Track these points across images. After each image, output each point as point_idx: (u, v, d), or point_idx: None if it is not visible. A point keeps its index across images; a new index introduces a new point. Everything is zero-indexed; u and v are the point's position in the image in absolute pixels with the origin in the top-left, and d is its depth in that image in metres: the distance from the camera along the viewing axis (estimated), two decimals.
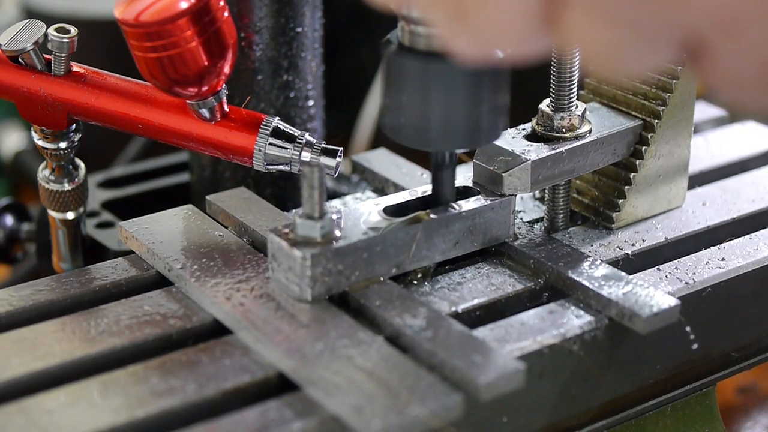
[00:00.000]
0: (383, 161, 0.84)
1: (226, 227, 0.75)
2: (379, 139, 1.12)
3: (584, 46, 0.50)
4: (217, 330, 0.67)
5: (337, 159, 0.72)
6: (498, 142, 0.72)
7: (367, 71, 1.19)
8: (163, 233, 0.74)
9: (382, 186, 0.82)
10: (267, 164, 0.73)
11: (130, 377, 0.62)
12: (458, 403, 0.59)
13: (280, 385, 0.63)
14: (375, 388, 0.60)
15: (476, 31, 0.51)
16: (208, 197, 0.77)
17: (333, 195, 0.84)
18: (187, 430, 0.59)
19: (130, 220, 0.75)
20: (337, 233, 0.67)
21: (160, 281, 0.72)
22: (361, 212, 0.69)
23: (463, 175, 0.74)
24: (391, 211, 0.70)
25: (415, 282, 0.70)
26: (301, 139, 0.73)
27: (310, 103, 0.85)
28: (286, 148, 0.73)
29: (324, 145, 0.73)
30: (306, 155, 0.72)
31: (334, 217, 0.67)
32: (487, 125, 0.66)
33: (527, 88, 0.78)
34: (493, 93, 0.66)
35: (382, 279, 0.68)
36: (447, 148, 0.69)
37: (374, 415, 0.58)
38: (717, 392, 0.78)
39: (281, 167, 0.73)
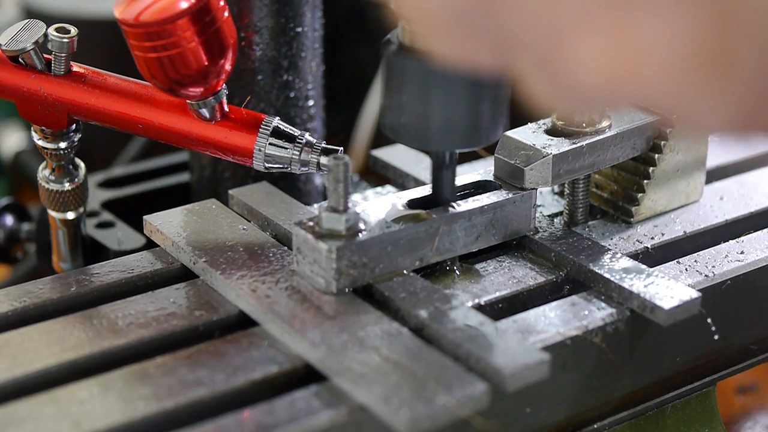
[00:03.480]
0: (403, 156, 0.87)
1: (249, 221, 0.78)
2: (379, 139, 1.15)
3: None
4: (242, 322, 0.70)
5: None
6: (519, 137, 0.76)
7: (367, 71, 1.22)
8: (188, 227, 0.77)
9: (402, 181, 0.86)
10: (267, 164, 0.76)
11: (159, 368, 0.66)
12: (484, 392, 0.62)
13: (308, 376, 0.66)
14: (402, 378, 0.63)
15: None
16: (230, 191, 0.80)
17: None
18: (217, 420, 0.62)
19: (155, 213, 0.78)
20: (362, 226, 0.70)
21: (185, 274, 0.75)
22: (385, 206, 0.72)
23: (484, 169, 0.77)
24: (415, 204, 0.73)
25: (447, 267, 0.74)
26: (301, 139, 0.75)
27: (310, 103, 0.88)
28: (286, 148, 0.75)
29: (324, 145, 0.75)
30: (306, 155, 0.75)
31: (358, 210, 0.70)
32: (487, 125, 0.69)
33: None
34: (494, 93, 0.68)
35: (405, 272, 0.71)
36: (447, 147, 0.71)
37: (402, 404, 0.61)
38: (717, 392, 0.80)
39: (281, 167, 0.76)
